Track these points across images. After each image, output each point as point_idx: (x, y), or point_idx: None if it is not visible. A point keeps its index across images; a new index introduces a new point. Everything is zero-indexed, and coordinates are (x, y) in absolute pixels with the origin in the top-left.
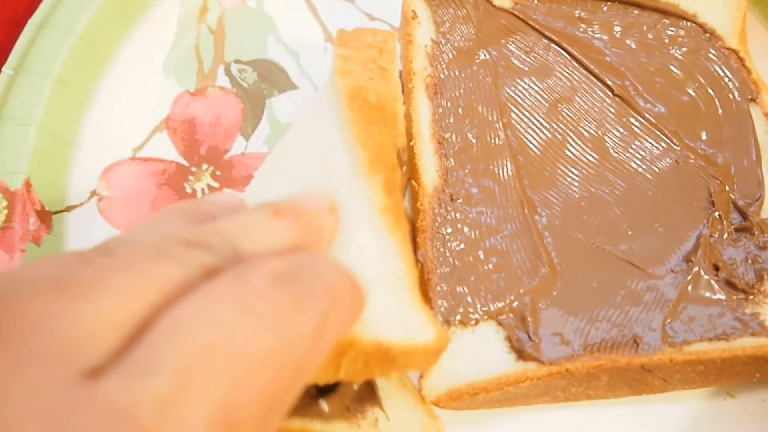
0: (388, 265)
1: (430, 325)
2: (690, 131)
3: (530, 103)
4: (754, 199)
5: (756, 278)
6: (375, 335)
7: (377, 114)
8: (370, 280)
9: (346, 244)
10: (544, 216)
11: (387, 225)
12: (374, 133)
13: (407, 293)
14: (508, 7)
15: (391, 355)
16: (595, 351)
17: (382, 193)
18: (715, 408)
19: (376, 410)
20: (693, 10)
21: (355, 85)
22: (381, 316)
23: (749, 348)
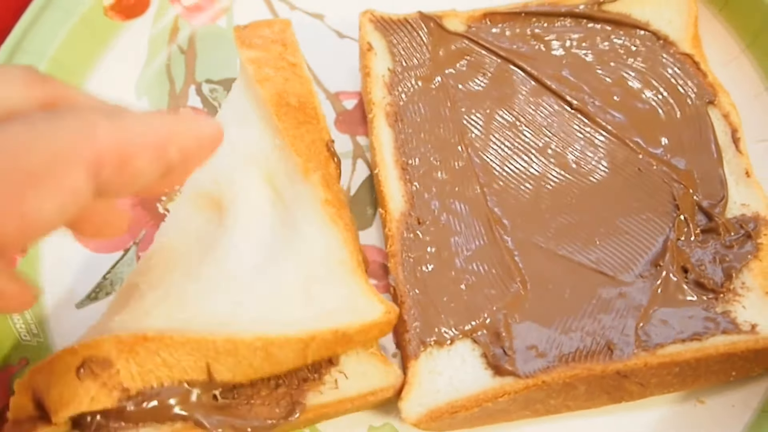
0: (334, 255)
1: (377, 302)
2: (651, 138)
3: (490, 123)
4: (717, 199)
5: (725, 277)
6: (332, 324)
7: (302, 115)
8: (321, 273)
9: (297, 242)
10: (512, 232)
11: (329, 216)
12: (303, 136)
13: (352, 278)
14: (461, 30)
15: (348, 337)
16: (570, 361)
17: (321, 189)
18: (686, 413)
19: (334, 372)
20: (645, 19)
21: (276, 92)
22: (335, 306)
23: (722, 346)
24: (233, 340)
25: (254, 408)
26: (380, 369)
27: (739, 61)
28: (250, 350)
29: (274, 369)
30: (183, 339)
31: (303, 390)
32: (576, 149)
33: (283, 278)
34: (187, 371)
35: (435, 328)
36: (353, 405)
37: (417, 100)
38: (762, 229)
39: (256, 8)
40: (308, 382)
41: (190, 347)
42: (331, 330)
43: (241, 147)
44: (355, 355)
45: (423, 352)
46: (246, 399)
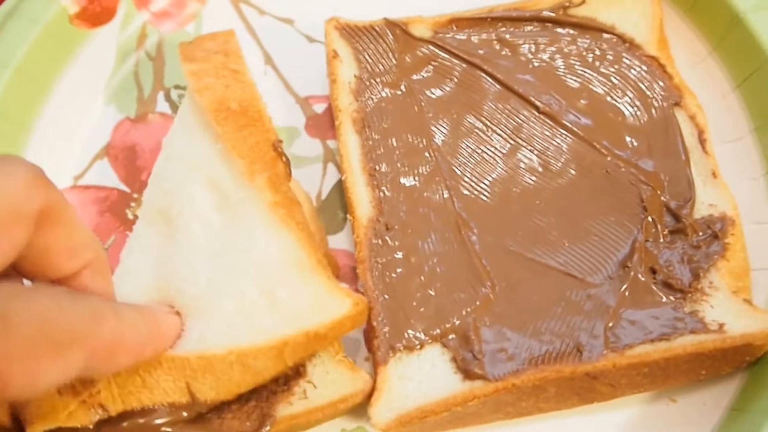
0: (291, 256)
1: (343, 296)
2: (618, 141)
3: (457, 128)
4: (685, 200)
5: (692, 277)
6: (302, 326)
7: (243, 119)
8: (280, 277)
9: (251, 248)
10: (481, 236)
11: (280, 219)
12: (246, 138)
13: (314, 277)
14: (428, 36)
15: (322, 335)
16: (539, 363)
17: (268, 191)
18: (659, 413)
19: (303, 383)
20: (611, 22)
21: (215, 99)
22: (301, 307)
23: (690, 346)
24: (206, 356)
25: (225, 422)
26: (348, 376)
27: (706, 62)
28: (226, 364)
29: (257, 380)
30: (158, 359)
31: (272, 402)
32: (544, 153)
33: (242, 287)
34: (168, 393)
35: (404, 333)
36: (324, 414)
37: (384, 106)
38: (729, 229)
39: (225, 14)
40: (277, 394)
41: (167, 366)
42: (302, 333)
43: (186, 157)
44: (322, 364)
45: (392, 357)
46: (217, 413)
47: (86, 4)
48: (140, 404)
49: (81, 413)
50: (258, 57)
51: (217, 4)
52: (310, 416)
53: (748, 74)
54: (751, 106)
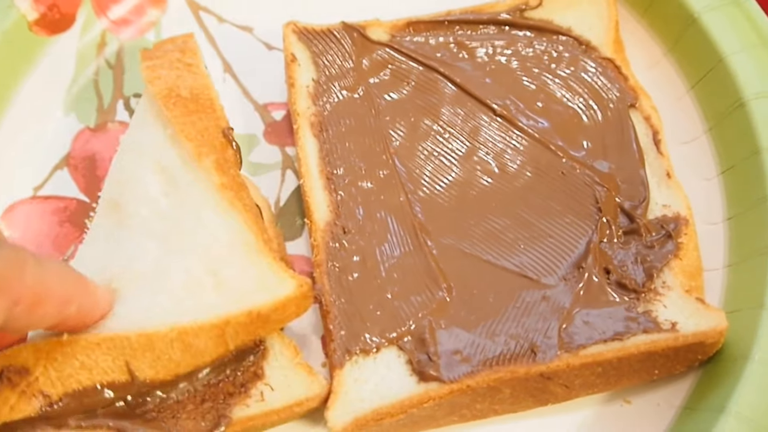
0: (237, 237)
1: (289, 277)
2: (574, 142)
3: (414, 131)
4: (639, 201)
5: (646, 277)
6: (242, 307)
7: (193, 104)
8: (227, 257)
9: (198, 229)
10: (438, 238)
11: (227, 200)
12: (195, 122)
13: (260, 257)
14: (385, 40)
15: (264, 316)
16: (494, 364)
17: (215, 173)
18: (613, 413)
19: (260, 385)
20: (567, 25)
21: (166, 86)
22: (246, 287)
23: (643, 345)
24: (147, 334)
25: (180, 422)
26: (305, 379)
27: (662, 64)
28: (166, 342)
29: (197, 360)
30: (97, 339)
31: (229, 404)
32: (500, 155)
33: (189, 266)
34: (107, 372)
35: (361, 337)
36: (279, 417)
37: (341, 110)
38: (682, 229)
39: (185, 21)
40: (234, 396)
41: (106, 347)
42: (245, 312)
43: (137, 146)
44: (280, 367)
45: (348, 360)
46: (172, 413)
47: (45, 11)
48: (80, 385)
49: (23, 404)
50: (217, 64)
51: (176, 11)
52: (266, 419)
53: (702, 75)
54: (705, 107)
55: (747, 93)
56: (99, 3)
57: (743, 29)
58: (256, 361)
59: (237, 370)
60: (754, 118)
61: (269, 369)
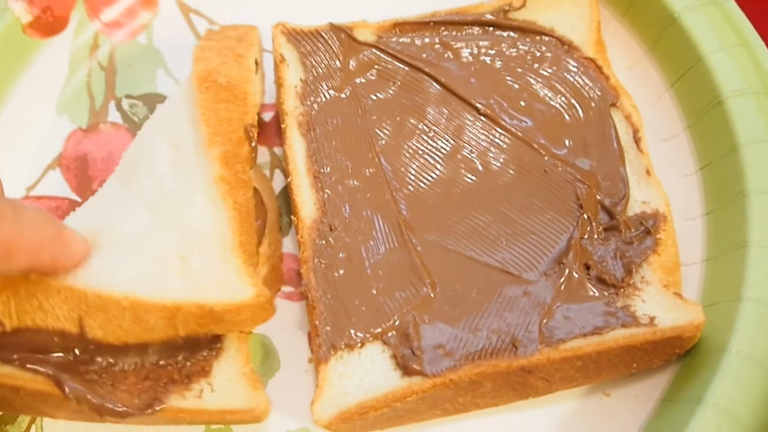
0: (218, 231)
1: (250, 284)
2: (556, 141)
3: (400, 130)
4: (619, 198)
5: (625, 272)
6: (196, 298)
7: (226, 93)
8: (201, 246)
9: (187, 212)
10: (422, 235)
11: (221, 193)
12: (219, 111)
13: (231, 256)
14: (372, 41)
15: (217, 314)
16: (476, 359)
17: (219, 164)
18: (593, 406)
19: (203, 382)
20: (550, 25)
21: (207, 69)
22: (203, 280)
23: (621, 339)
24: (102, 296)
25: (116, 392)
26: (247, 391)
27: (642, 63)
28: (119, 309)
29: (145, 335)
30: (59, 286)
31: (168, 390)
32: (484, 153)
33: (165, 245)
34: (60, 319)
35: (346, 332)
36: (210, 418)
37: (329, 109)
38: (661, 225)
39: (176, 24)
40: (176, 384)
41: (64, 295)
42: (197, 304)
43: (163, 118)
44: (228, 371)
45: (333, 355)
46: (112, 381)
47: (39, 14)
48: (34, 324)
49: None
50: None
51: (167, 14)
52: (196, 416)
53: (681, 73)
54: (684, 105)
55: (725, 91)
56: (92, 6)
57: (722, 28)
58: (207, 357)
59: (188, 359)
60: (732, 115)
61: (217, 369)
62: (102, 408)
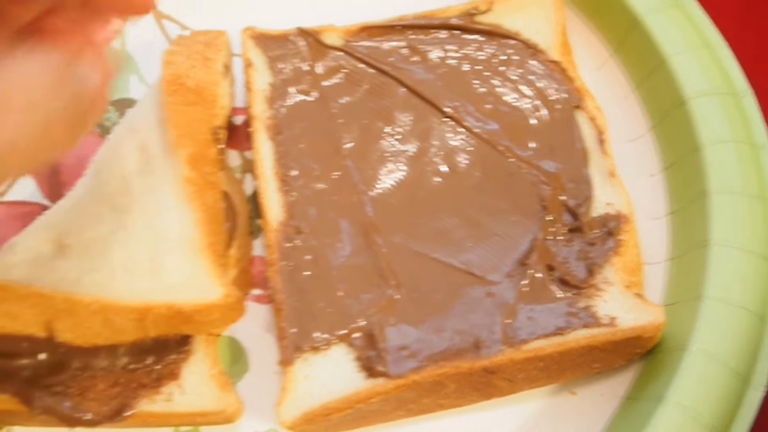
0: (185, 232)
1: (219, 284)
2: (521, 143)
3: (367, 133)
4: (583, 199)
5: (587, 273)
6: (166, 299)
7: (194, 96)
8: (169, 248)
9: (154, 214)
10: (388, 238)
11: (188, 194)
12: (187, 113)
13: (199, 257)
14: (339, 45)
15: (186, 315)
16: (439, 360)
17: (185, 166)
18: (559, 405)
19: (172, 385)
20: (515, 29)
21: (175, 72)
22: (172, 281)
23: (582, 339)
24: (71, 300)
25: (85, 401)
26: (216, 393)
27: (608, 65)
28: (88, 313)
29: (116, 336)
30: (27, 292)
31: (137, 394)
32: (450, 156)
33: (133, 247)
34: (29, 325)
35: (311, 334)
36: (180, 421)
37: (296, 113)
38: (623, 227)
39: (148, 29)
40: (146, 388)
41: (33, 301)
42: (166, 305)
43: (132, 121)
44: (198, 373)
45: (299, 357)
46: (80, 390)
47: None
48: (2, 331)
49: None
50: None
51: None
52: (166, 419)
53: (645, 75)
54: (649, 106)
55: (687, 92)
56: None
57: (685, 30)
58: (176, 360)
59: (157, 363)
60: (694, 116)
61: (187, 372)
62: (71, 419)
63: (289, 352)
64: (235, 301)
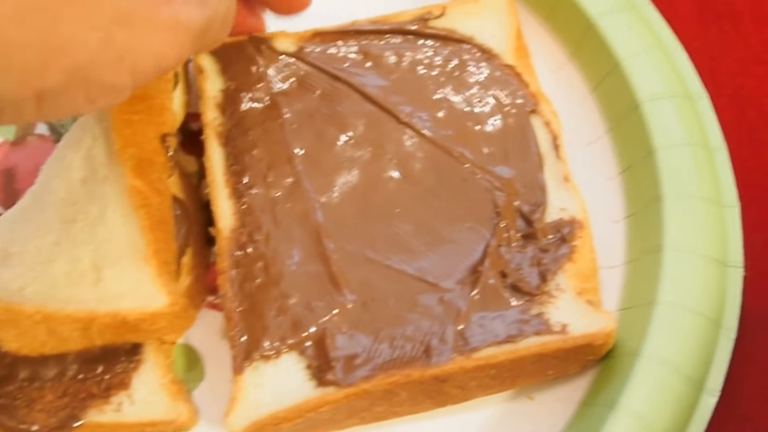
0: (130, 241)
1: (164, 293)
2: (475, 149)
3: (320, 140)
4: (537, 205)
5: (540, 280)
6: (109, 308)
7: (141, 105)
8: (114, 257)
9: (99, 223)
10: (341, 245)
11: (133, 203)
12: (134, 122)
13: (144, 265)
14: (292, 51)
15: (131, 324)
16: (389, 368)
17: (130, 174)
18: (517, 410)
19: (122, 394)
20: (469, 33)
21: None
22: (116, 291)
23: (534, 347)
24: (13, 310)
25: (33, 413)
26: (166, 402)
27: (566, 68)
28: (32, 323)
29: (62, 346)
30: None
31: (86, 405)
32: (404, 162)
33: (78, 256)
34: None
35: (262, 343)
36: (130, 431)
37: (248, 120)
38: (577, 232)
39: None
40: (95, 398)
41: None
42: (110, 314)
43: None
44: (148, 382)
45: (249, 366)
46: (28, 402)
47: None
48: None
49: None
50: None
51: None
52: (115, 430)
53: (601, 78)
54: (606, 109)
55: (641, 95)
56: None
57: (639, 33)
58: (126, 369)
59: (107, 372)
60: (649, 119)
61: (137, 381)
62: (17, 431)
63: (239, 361)
64: (181, 310)
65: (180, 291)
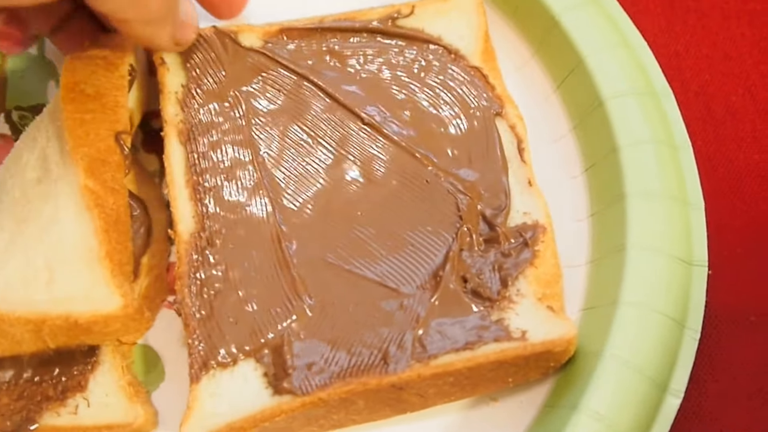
0: (83, 241)
1: (118, 295)
2: (439, 151)
3: (283, 140)
4: (500, 209)
5: (501, 285)
6: (61, 310)
7: (93, 103)
8: (67, 258)
9: (52, 223)
10: (301, 249)
11: (86, 204)
12: (86, 121)
13: (98, 267)
14: (257, 46)
15: (84, 326)
16: (346, 376)
17: (83, 174)
18: (480, 413)
19: (78, 397)
20: (437, 34)
21: (74, 80)
22: (68, 292)
23: (492, 354)
24: None
25: None
26: (123, 404)
27: (530, 65)
28: None
29: (15, 348)
30: None
31: (42, 408)
32: (367, 164)
33: (31, 257)
34: None
35: (219, 350)
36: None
37: (210, 117)
38: (540, 237)
39: None
40: (51, 401)
41: None
42: (62, 316)
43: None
44: (105, 384)
45: (206, 374)
46: None
47: None
48: None
49: None
50: None
51: None
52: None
53: (565, 75)
54: (570, 106)
55: (605, 92)
56: None
57: (603, 29)
58: (83, 371)
59: (63, 374)
60: (612, 116)
61: (93, 383)
62: None
63: (195, 369)
64: (136, 312)
65: (137, 292)
